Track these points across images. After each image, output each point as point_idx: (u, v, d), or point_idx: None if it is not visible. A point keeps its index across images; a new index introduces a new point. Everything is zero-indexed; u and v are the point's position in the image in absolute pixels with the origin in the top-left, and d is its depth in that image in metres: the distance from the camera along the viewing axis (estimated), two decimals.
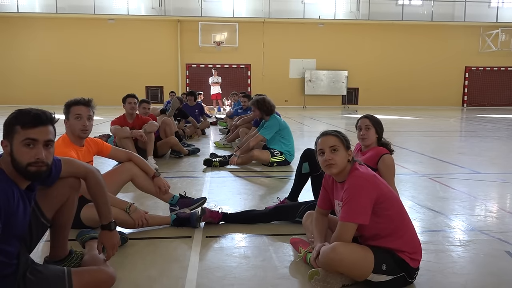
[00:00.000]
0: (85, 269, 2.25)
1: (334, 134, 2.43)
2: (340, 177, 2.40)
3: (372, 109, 20.47)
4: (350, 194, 2.27)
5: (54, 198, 2.27)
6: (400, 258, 2.27)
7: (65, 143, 3.18)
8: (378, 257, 2.24)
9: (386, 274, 2.23)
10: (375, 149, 3.34)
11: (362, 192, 2.26)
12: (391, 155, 3.29)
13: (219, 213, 3.35)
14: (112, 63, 21.78)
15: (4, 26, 21.21)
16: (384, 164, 3.21)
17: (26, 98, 21.24)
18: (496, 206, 4.11)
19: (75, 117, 3.15)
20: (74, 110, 3.18)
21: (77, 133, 3.17)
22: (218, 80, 19.43)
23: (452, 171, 5.95)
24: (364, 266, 2.22)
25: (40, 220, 2.21)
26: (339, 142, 2.39)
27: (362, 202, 2.25)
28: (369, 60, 22.94)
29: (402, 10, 22.50)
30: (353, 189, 2.27)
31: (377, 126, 3.39)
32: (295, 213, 3.33)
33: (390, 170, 3.22)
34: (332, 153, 2.37)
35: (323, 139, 2.43)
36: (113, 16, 21.55)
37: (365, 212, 2.24)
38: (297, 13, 22.04)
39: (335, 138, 2.40)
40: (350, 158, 2.39)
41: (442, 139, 9.97)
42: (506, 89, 24.24)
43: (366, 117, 3.44)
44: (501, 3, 23.14)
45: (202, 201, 3.56)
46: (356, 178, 2.30)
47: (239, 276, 2.49)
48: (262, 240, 3.10)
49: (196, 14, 21.66)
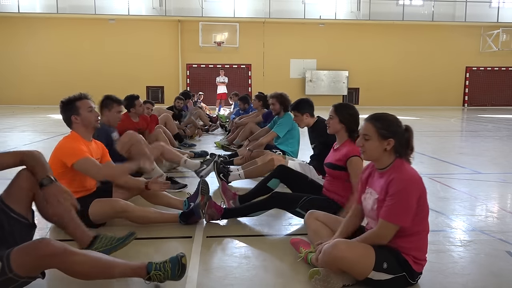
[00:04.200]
0: (24, 245, 2.01)
1: (371, 121, 2.33)
2: (378, 164, 2.36)
3: (372, 109, 20.42)
4: (397, 193, 2.19)
5: (16, 193, 2.33)
6: (403, 259, 2.26)
7: (75, 139, 3.21)
8: (379, 254, 2.22)
9: (387, 273, 2.22)
10: (347, 148, 3.26)
11: (411, 193, 2.19)
12: (359, 158, 3.14)
13: (221, 207, 3.35)
14: (112, 63, 21.78)
15: (4, 26, 21.23)
16: (350, 166, 3.16)
17: (27, 98, 21.29)
18: (497, 206, 4.11)
19: (88, 111, 3.22)
20: (83, 104, 3.23)
21: (93, 124, 3.26)
22: (224, 80, 19.40)
23: (453, 171, 5.95)
24: (365, 263, 2.20)
25: (11, 215, 2.28)
26: (373, 132, 2.30)
27: (409, 203, 2.19)
28: (370, 60, 22.94)
29: (403, 10, 22.49)
30: (401, 188, 2.19)
31: (341, 115, 3.27)
32: (295, 203, 3.25)
33: (355, 173, 3.14)
34: (364, 140, 2.33)
35: (363, 124, 2.38)
36: (113, 16, 21.55)
37: (410, 214, 2.19)
38: (297, 13, 22.03)
39: (370, 126, 2.32)
40: (388, 148, 2.29)
41: (442, 139, 9.96)
42: (507, 89, 24.21)
43: (333, 105, 3.39)
44: (502, 3, 23.11)
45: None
46: (404, 175, 2.24)
47: (239, 276, 2.49)
48: (263, 240, 3.10)
49: (196, 14, 21.66)
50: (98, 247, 2.55)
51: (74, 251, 2.05)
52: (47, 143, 8.18)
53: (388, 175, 2.28)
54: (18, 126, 11.84)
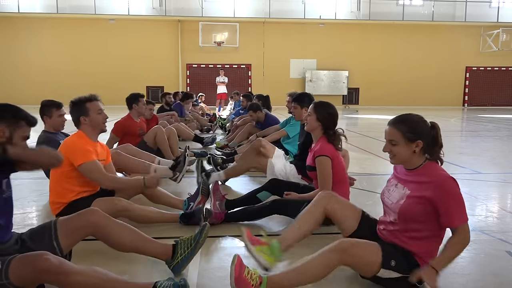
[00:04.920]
0: (24, 255, 2.00)
1: (396, 126, 2.29)
2: (408, 165, 2.34)
3: (372, 109, 20.48)
4: (451, 196, 2.18)
5: (72, 229, 2.35)
6: (415, 261, 2.24)
7: (83, 139, 3.22)
8: (386, 252, 2.21)
9: (396, 271, 2.20)
10: (316, 147, 3.25)
11: (458, 188, 2.21)
12: (325, 157, 3.13)
13: (222, 213, 3.35)
14: (112, 63, 21.79)
15: (4, 26, 21.23)
16: (317, 166, 3.17)
17: (27, 97, 21.21)
18: (497, 206, 4.11)
19: (97, 113, 3.26)
20: (93, 106, 3.26)
21: (101, 126, 3.29)
22: (224, 80, 19.40)
23: (452, 171, 5.94)
24: (372, 260, 2.19)
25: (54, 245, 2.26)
26: (399, 136, 2.26)
27: (462, 198, 2.20)
28: (370, 60, 22.94)
29: (403, 10, 22.49)
30: (450, 189, 2.19)
31: (320, 113, 3.25)
32: (297, 210, 3.26)
33: (320, 172, 3.15)
34: (391, 146, 2.31)
35: (387, 129, 2.34)
36: (113, 16, 21.56)
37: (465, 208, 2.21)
38: (297, 13, 22.03)
39: (395, 131, 2.28)
40: (417, 150, 2.26)
41: (442, 139, 9.94)
42: (507, 89, 24.21)
43: (313, 102, 3.38)
44: (502, 3, 23.11)
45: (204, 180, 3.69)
46: (445, 175, 2.24)
47: None
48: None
49: (196, 14, 21.66)
50: (182, 253, 2.46)
51: (73, 271, 1.95)
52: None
53: (421, 175, 2.27)
54: None
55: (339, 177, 3.21)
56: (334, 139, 3.24)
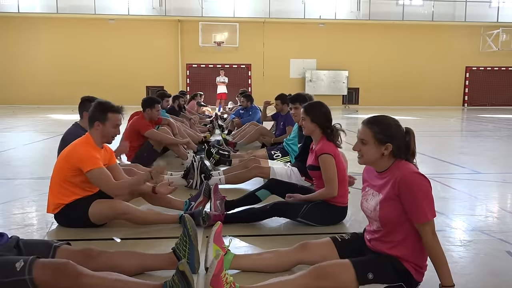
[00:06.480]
0: (55, 260, 2.17)
1: (368, 125, 2.24)
2: (376, 168, 2.29)
3: (372, 109, 20.47)
4: (415, 191, 2.08)
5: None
6: (403, 268, 2.17)
7: (90, 145, 3.19)
8: (360, 266, 2.14)
9: (378, 283, 2.13)
10: (318, 147, 3.26)
11: (426, 184, 2.11)
12: (328, 155, 3.17)
13: (221, 215, 3.35)
14: (112, 63, 21.78)
15: (4, 26, 21.22)
16: (320, 164, 3.21)
17: (27, 98, 21.26)
18: (497, 206, 4.11)
19: (114, 126, 3.23)
20: (114, 118, 3.22)
21: (108, 139, 3.26)
22: (224, 80, 19.38)
23: (452, 171, 5.95)
24: (346, 278, 2.12)
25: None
26: (370, 136, 2.21)
27: (430, 194, 2.11)
28: (370, 60, 22.94)
29: (403, 10, 22.49)
30: (413, 184, 2.10)
31: (312, 115, 3.29)
32: (297, 213, 3.28)
33: (324, 170, 3.19)
34: (361, 144, 2.26)
35: (359, 128, 2.30)
36: (113, 16, 21.55)
37: (433, 204, 2.13)
38: (297, 13, 22.03)
39: (367, 130, 2.23)
40: (386, 153, 2.20)
41: (442, 139, 9.96)
42: (507, 89, 24.20)
43: (303, 106, 3.42)
44: (502, 3, 23.11)
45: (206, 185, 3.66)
46: (411, 170, 2.15)
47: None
48: (263, 240, 3.10)
49: (196, 14, 21.66)
50: (184, 254, 2.46)
51: (86, 274, 2.05)
52: (47, 143, 8.20)
53: (389, 176, 2.20)
54: (18, 126, 11.84)
55: (339, 176, 3.23)
56: (333, 136, 3.28)
